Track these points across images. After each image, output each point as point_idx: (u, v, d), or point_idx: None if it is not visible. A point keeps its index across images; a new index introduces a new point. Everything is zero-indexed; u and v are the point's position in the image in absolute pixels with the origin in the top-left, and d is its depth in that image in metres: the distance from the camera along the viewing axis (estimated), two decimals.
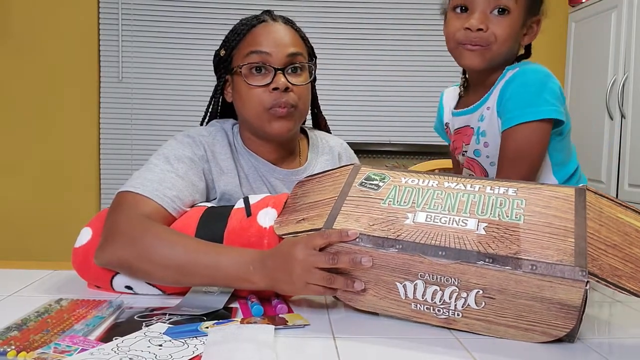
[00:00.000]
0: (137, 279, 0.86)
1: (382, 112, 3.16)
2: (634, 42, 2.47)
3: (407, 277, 0.73)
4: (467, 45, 1.00)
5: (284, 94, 1.01)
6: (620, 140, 2.54)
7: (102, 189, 3.09)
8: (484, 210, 0.74)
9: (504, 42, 0.99)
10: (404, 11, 3.13)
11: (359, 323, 0.77)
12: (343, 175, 0.87)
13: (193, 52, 3.05)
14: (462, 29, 1.00)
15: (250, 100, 1.03)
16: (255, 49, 1.02)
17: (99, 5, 3.03)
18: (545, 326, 0.69)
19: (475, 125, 1.07)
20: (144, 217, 0.86)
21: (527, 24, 1.02)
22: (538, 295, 0.67)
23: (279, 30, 1.05)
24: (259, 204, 0.88)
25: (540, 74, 0.98)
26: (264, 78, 1.02)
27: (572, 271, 0.65)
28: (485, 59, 1.00)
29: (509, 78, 1.00)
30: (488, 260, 0.68)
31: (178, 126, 2.97)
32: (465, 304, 0.71)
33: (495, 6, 0.98)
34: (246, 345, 0.64)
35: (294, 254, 0.75)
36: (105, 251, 0.85)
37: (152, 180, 0.92)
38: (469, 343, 0.69)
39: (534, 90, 0.97)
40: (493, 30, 0.98)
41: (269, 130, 1.03)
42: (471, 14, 0.99)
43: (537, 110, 0.95)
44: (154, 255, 0.82)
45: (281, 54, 1.02)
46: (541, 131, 0.97)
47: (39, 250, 2.93)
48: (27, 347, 0.63)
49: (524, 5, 0.99)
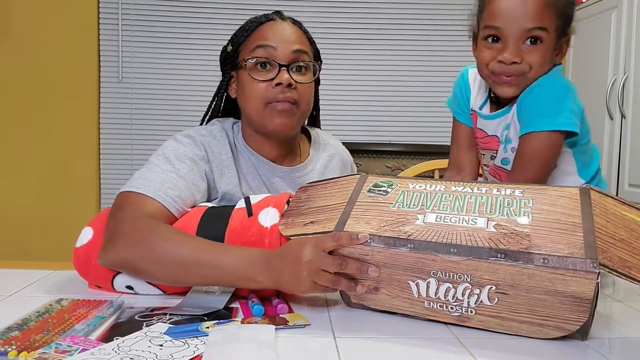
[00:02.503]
0: (141, 279, 0.86)
1: (382, 112, 3.17)
2: (634, 42, 2.47)
3: (419, 276, 0.73)
4: (501, 77, 1.00)
5: (286, 89, 1.02)
6: (620, 140, 2.54)
7: (102, 189, 3.09)
8: (493, 210, 0.75)
9: (538, 69, 0.99)
10: (404, 11, 3.13)
11: (359, 323, 0.77)
12: (350, 183, 0.87)
13: (193, 52, 3.05)
14: (495, 60, 0.99)
15: (253, 95, 1.03)
16: (262, 43, 1.03)
17: (99, 5, 3.03)
18: (558, 320, 0.69)
19: (502, 134, 1.09)
20: (148, 217, 0.86)
21: (559, 45, 1.03)
22: (551, 289, 0.68)
23: (287, 28, 1.06)
24: (260, 204, 0.88)
25: (558, 87, 1.01)
26: (267, 73, 1.03)
27: (584, 263, 0.65)
28: (521, 88, 1.01)
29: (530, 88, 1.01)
30: (500, 256, 0.68)
31: (178, 126, 2.97)
32: (478, 300, 0.72)
33: (528, 37, 0.97)
34: (247, 345, 0.64)
35: (302, 255, 0.75)
36: (109, 252, 0.85)
37: (154, 180, 0.92)
38: (470, 342, 0.69)
39: (553, 102, 1.00)
40: (527, 61, 0.98)
41: (269, 125, 1.04)
42: (504, 46, 0.98)
43: (553, 122, 0.98)
44: (158, 255, 0.82)
45: (287, 49, 1.03)
46: (554, 140, 1.00)
47: (39, 250, 2.93)
48: (28, 347, 0.63)
49: (555, 30, 0.99)
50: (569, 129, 0.99)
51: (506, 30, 0.97)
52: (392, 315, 0.79)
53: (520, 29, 0.96)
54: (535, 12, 0.96)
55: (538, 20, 0.96)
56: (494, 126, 1.10)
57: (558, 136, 1.00)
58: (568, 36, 1.04)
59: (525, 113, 1.02)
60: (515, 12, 0.96)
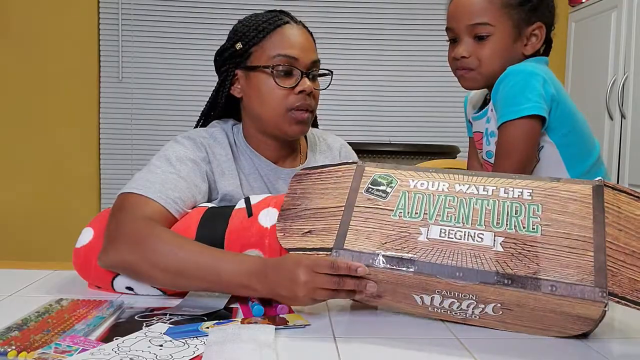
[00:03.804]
0: (140, 281, 0.86)
1: (383, 112, 3.16)
2: (634, 42, 2.47)
3: (424, 292, 0.74)
4: (457, 72, 1.10)
5: (308, 97, 1.04)
6: (620, 140, 2.54)
7: (102, 189, 3.09)
8: (500, 222, 0.73)
9: (489, 63, 1.05)
10: (404, 11, 3.13)
11: (359, 323, 0.77)
12: (346, 176, 0.85)
13: (193, 52, 3.05)
14: (452, 58, 1.09)
15: (272, 100, 1.03)
16: (285, 52, 1.03)
17: (99, 5, 3.03)
18: (561, 328, 0.70)
19: (484, 128, 1.11)
20: (148, 219, 0.86)
21: (525, 35, 1.05)
22: (557, 310, 0.68)
23: (303, 35, 1.07)
24: (260, 204, 0.88)
25: (523, 73, 1.01)
26: (290, 80, 1.03)
27: (592, 292, 0.65)
28: (476, 80, 1.08)
29: (499, 79, 1.03)
30: (507, 282, 0.68)
31: (178, 126, 2.97)
32: (482, 312, 0.72)
33: (473, 35, 1.05)
34: (247, 345, 0.64)
35: (298, 276, 0.74)
36: (110, 254, 0.85)
37: (155, 181, 0.92)
38: (470, 344, 0.69)
39: (517, 89, 1.00)
40: (477, 55, 1.05)
41: (287, 130, 1.04)
42: (458, 43, 1.08)
43: (517, 109, 0.99)
44: (157, 259, 0.82)
45: (307, 59, 1.04)
46: (524, 128, 0.99)
47: (39, 250, 2.93)
48: (28, 347, 0.63)
49: (508, 23, 1.03)
50: (533, 113, 0.98)
51: (456, 30, 1.07)
52: (392, 316, 0.79)
53: (464, 26, 1.05)
54: (476, 10, 1.04)
55: (480, 16, 1.03)
56: (481, 124, 1.12)
57: (528, 122, 0.99)
58: (538, 24, 1.05)
59: (497, 105, 1.04)
60: (459, 11, 1.06)
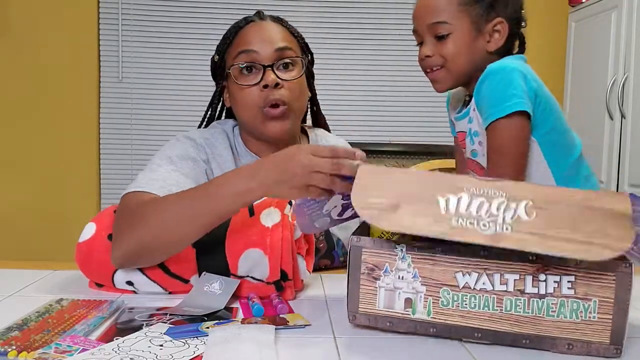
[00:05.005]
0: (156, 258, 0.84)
1: (382, 112, 3.17)
2: (634, 42, 2.48)
3: (450, 193, 0.68)
4: (428, 74, 1.11)
5: (275, 90, 1.01)
6: (620, 140, 2.54)
7: (102, 189, 3.10)
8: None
9: (453, 60, 1.05)
10: (404, 11, 3.13)
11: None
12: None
13: (193, 53, 3.05)
14: (419, 60, 1.11)
15: (243, 101, 1.03)
16: (243, 48, 1.02)
17: (99, 5, 3.04)
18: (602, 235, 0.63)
19: (467, 128, 1.11)
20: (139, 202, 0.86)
21: (486, 31, 1.05)
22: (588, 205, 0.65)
23: (266, 27, 1.05)
24: (261, 204, 0.88)
25: (504, 71, 1.00)
26: (253, 77, 1.02)
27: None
28: (445, 80, 1.08)
29: (480, 79, 1.02)
30: None
31: (178, 126, 2.97)
32: (514, 215, 0.66)
33: (434, 35, 1.06)
34: (247, 345, 0.64)
35: (297, 156, 0.72)
36: (123, 244, 0.84)
37: (157, 179, 0.93)
38: (470, 344, 0.69)
39: (500, 88, 0.99)
40: (441, 54, 1.05)
41: (264, 131, 1.03)
42: (422, 45, 1.09)
43: (502, 107, 0.98)
44: (158, 219, 0.82)
45: (269, 50, 1.02)
46: (512, 126, 0.99)
47: (39, 250, 2.93)
48: (28, 347, 0.63)
49: (466, 21, 1.04)
50: (519, 109, 0.97)
51: (419, 31, 1.08)
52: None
53: (425, 26, 1.06)
54: (434, 9, 1.05)
55: (438, 15, 1.04)
56: (464, 124, 1.12)
57: (516, 119, 0.98)
58: (499, 19, 1.04)
59: (481, 105, 1.03)
60: (420, 12, 1.08)
